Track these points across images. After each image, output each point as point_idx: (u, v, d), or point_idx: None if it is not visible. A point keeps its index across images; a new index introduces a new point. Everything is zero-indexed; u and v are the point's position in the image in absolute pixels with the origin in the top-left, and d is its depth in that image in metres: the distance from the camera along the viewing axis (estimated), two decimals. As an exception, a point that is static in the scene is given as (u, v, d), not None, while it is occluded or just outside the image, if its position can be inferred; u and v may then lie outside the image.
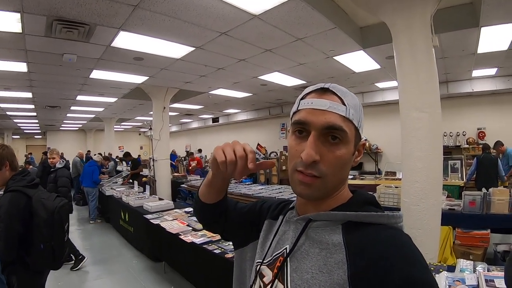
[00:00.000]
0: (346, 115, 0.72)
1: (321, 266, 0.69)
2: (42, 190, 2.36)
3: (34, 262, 2.18)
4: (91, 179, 8.05)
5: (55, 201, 2.26)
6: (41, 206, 2.17)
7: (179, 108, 12.85)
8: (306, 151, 0.70)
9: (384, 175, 9.35)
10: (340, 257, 0.67)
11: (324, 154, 0.71)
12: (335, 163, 0.72)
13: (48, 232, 2.17)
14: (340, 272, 0.65)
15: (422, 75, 3.53)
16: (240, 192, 6.85)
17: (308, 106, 0.74)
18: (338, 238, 0.71)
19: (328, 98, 0.74)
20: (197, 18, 4.20)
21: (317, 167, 0.71)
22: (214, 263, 3.20)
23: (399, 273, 0.59)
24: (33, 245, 2.15)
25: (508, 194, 4.53)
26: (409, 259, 0.63)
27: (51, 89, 8.15)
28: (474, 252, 4.26)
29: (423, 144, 3.49)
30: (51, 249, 2.19)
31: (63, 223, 2.29)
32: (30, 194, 2.18)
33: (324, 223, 0.75)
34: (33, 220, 2.15)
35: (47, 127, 18.60)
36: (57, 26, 4.12)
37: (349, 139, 0.73)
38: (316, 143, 0.71)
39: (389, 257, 0.62)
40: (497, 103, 8.96)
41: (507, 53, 6.16)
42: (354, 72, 7.50)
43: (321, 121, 0.71)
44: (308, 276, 0.69)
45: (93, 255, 5.57)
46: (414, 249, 0.66)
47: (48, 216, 2.17)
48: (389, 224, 0.71)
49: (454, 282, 2.10)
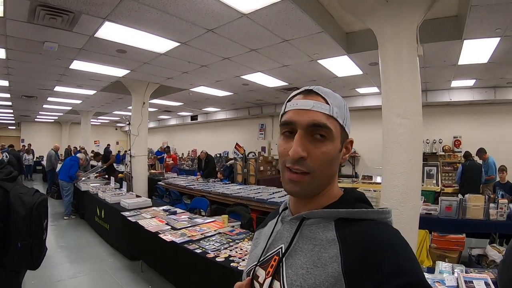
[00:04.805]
0: (330, 113, 0.76)
1: (315, 261, 0.71)
2: (20, 184, 2.22)
3: (10, 261, 2.03)
4: (68, 173, 7.84)
5: (34, 196, 2.10)
6: (19, 201, 2.02)
7: (158, 104, 12.75)
8: (293, 148, 0.73)
9: (361, 179, 9.50)
10: (334, 252, 0.69)
11: (311, 151, 0.74)
12: (322, 158, 0.75)
13: (26, 229, 2.02)
14: (335, 265, 0.67)
15: (406, 83, 3.62)
16: (218, 191, 6.83)
17: (294, 107, 0.78)
18: (331, 234, 0.73)
19: (312, 98, 0.78)
20: (186, 13, 4.16)
21: (304, 163, 0.74)
22: (195, 263, 3.16)
23: (389, 263, 0.62)
24: (10, 244, 2.00)
25: (483, 200, 4.71)
26: (399, 251, 0.66)
27: (29, 78, 7.91)
28: (449, 255, 4.39)
29: (404, 149, 3.58)
30: (29, 248, 2.04)
31: (42, 220, 2.15)
32: (7, 188, 2.03)
33: (317, 220, 0.78)
34: (11, 216, 2.00)
35: (21, 118, 18.06)
36: (41, 12, 4.00)
37: (334, 136, 0.76)
38: (302, 140, 0.74)
39: (380, 250, 0.65)
40: (473, 113, 9.32)
41: (487, 66, 6.41)
42: (337, 76, 7.61)
43: (306, 120, 0.75)
44: (303, 271, 0.71)
45: (68, 253, 5.41)
46: (404, 241, 0.69)
47: (26, 212, 2.01)
48: (379, 219, 0.75)
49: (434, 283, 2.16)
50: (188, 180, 9.05)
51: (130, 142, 8.86)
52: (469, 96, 8.74)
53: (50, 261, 4.84)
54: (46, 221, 2.23)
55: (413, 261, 0.65)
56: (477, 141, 8.45)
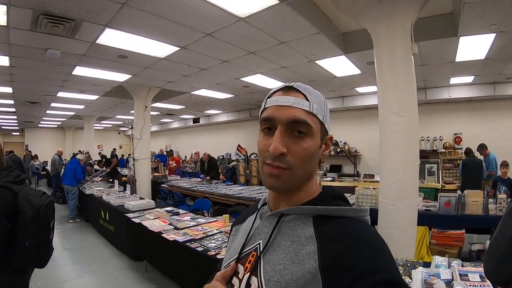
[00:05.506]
0: (310, 109, 0.76)
1: (292, 257, 0.72)
2: (28, 186, 2.30)
3: (19, 260, 2.10)
4: (73, 177, 7.94)
5: (42, 198, 2.18)
6: (28, 203, 2.09)
7: (160, 107, 12.80)
8: (273, 144, 0.73)
9: (363, 178, 9.49)
10: (312, 248, 0.71)
11: (291, 147, 0.74)
12: (301, 154, 0.75)
13: (34, 230, 2.09)
14: (312, 262, 0.68)
15: (401, 82, 3.66)
16: (220, 192, 6.90)
17: (274, 104, 0.79)
18: (310, 231, 0.74)
19: (292, 95, 0.78)
20: (184, 19, 4.24)
21: (284, 159, 0.74)
22: (197, 261, 3.23)
23: (365, 261, 0.64)
24: (18, 243, 2.07)
25: (482, 196, 4.72)
26: (375, 249, 0.67)
27: (32, 84, 8.00)
28: (449, 251, 4.41)
29: (400, 147, 3.62)
30: (37, 247, 2.11)
31: (49, 220, 2.22)
32: (16, 190, 2.10)
33: (296, 216, 0.79)
34: (19, 217, 2.07)
35: (25, 124, 18.16)
36: (43, 21, 4.09)
37: (314, 132, 0.77)
38: (282, 136, 0.75)
39: (357, 247, 0.66)
40: (473, 110, 9.31)
41: (484, 62, 6.42)
42: (335, 76, 7.66)
43: (286, 116, 0.75)
44: (280, 267, 0.72)
45: (73, 254, 5.52)
46: (380, 240, 0.71)
47: (34, 213, 2.08)
48: (356, 217, 0.76)
49: (429, 276, 2.18)
50: (191, 182, 9.14)
51: (133, 146, 8.95)
52: (468, 92, 8.74)
53: (56, 262, 4.94)
54: (53, 222, 2.32)
55: (389, 259, 0.67)
56: (478, 137, 8.42)
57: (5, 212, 2.03)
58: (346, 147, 11.18)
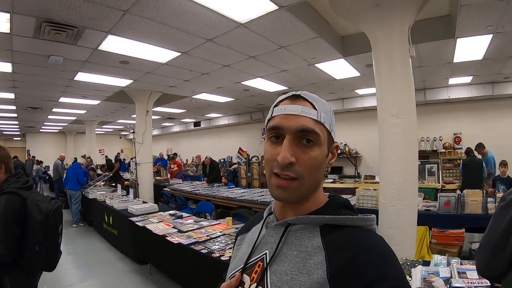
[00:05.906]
0: (318, 118, 0.76)
1: (300, 268, 0.71)
2: (36, 192, 2.37)
3: (28, 263, 2.17)
4: (75, 182, 8.00)
5: (50, 204, 2.25)
6: (36, 208, 2.16)
7: (161, 111, 12.86)
8: (282, 154, 0.73)
9: (363, 179, 9.48)
10: (319, 258, 0.70)
11: (299, 156, 0.74)
12: (310, 164, 0.74)
13: (43, 234, 2.16)
14: (320, 272, 0.68)
15: (399, 84, 3.73)
16: (222, 195, 6.95)
17: (282, 112, 0.78)
18: (317, 241, 0.74)
19: (300, 103, 0.78)
20: (185, 25, 4.31)
21: (293, 169, 0.73)
22: (201, 262, 3.29)
23: (373, 270, 0.63)
24: (28, 247, 2.14)
25: (481, 195, 4.74)
26: (383, 258, 0.67)
27: (34, 90, 8.06)
28: (450, 250, 4.43)
29: (400, 148, 3.69)
30: (46, 251, 2.19)
31: (58, 225, 2.29)
32: (25, 196, 2.17)
33: (303, 226, 0.78)
34: (28, 222, 2.14)
35: (27, 129, 18.21)
36: (46, 28, 4.15)
37: (322, 141, 0.76)
38: (291, 145, 0.74)
39: (364, 256, 0.66)
40: (472, 110, 9.37)
41: (482, 63, 6.48)
42: (335, 79, 7.72)
43: (294, 125, 0.74)
44: (287, 278, 0.71)
45: (77, 258, 5.56)
46: (388, 248, 0.70)
47: (43, 218, 2.16)
48: (363, 226, 0.76)
49: (429, 274, 2.23)
50: (193, 186, 9.19)
51: (135, 150, 9.02)
52: (467, 92, 8.79)
53: (60, 266, 4.85)
54: (61, 226, 2.39)
55: (397, 268, 0.67)
56: (477, 137, 8.45)
57: (14, 218, 2.09)
58: (346, 149, 11.20)
